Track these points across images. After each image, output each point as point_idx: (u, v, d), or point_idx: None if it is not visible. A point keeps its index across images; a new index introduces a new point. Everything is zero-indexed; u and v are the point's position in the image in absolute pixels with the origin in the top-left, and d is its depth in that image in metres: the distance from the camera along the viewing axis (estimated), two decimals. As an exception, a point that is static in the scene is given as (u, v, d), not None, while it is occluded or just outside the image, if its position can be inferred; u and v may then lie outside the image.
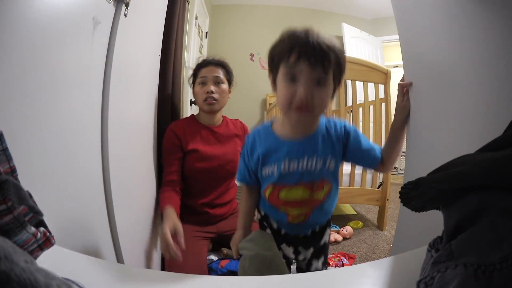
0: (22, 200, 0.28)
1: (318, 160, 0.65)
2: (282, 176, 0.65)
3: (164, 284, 0.41)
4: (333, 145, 0.67)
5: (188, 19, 2.28)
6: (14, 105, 0.44)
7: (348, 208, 2.35)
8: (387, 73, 1.88)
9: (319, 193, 0.68)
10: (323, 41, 0.56)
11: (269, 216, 0.76)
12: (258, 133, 0.71)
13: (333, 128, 0.68)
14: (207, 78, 1.14)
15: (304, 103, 0.56)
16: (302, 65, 0.56)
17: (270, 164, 0.67)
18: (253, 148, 0.70)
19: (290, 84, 0.58)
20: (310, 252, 0.76)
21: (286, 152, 0.65)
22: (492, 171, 0.28)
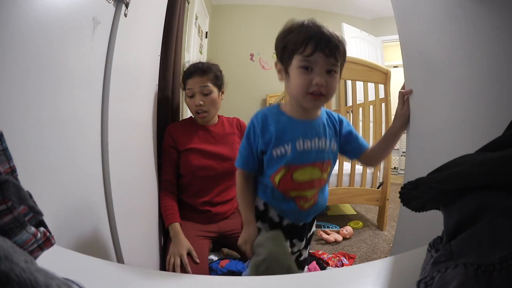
0: (22, 200, 0.28)
1: (326, 140, 0.70)
2: (297, 155, 0.67)
3: (164, 284, 0.41)
4: (335, 128, 0.74)
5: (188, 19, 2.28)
6: (14, 105, 0.44)
7: (348, 208, 2.35)
8: (387, 73, 1.87)
9: (325, 174, 0.72)
10: (334, 33, 0.63)
11: (272, 208, 0.73)
12: (270, 113, 0.72)
13: (332, 115, 0.76)
14: (194, 90, 1.13)
15: (320, 90, 0.63)
16: (318, 56, 0.61)
17: (284, 143, 0.68)
18: (265, 127, 0.70)
19: (305, 73, 0.63)
20: (303, 244, 0.77)
21: (301, 130, 0.68)
22: (492, 171, 0.28)
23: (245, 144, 0.73)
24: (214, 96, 1.15)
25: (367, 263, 0.43)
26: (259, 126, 0.70)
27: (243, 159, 0.73)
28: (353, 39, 3.67)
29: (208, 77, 1.14)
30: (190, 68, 1.16)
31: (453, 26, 0.58)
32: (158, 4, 1.13)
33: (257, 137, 0.70)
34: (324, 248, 1.64)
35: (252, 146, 0.71)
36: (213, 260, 1.08)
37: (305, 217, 0.75)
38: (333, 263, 1.39)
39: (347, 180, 1.91)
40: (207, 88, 1.13)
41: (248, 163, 0.73)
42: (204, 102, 1.13)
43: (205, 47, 3.26)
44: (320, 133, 0.70)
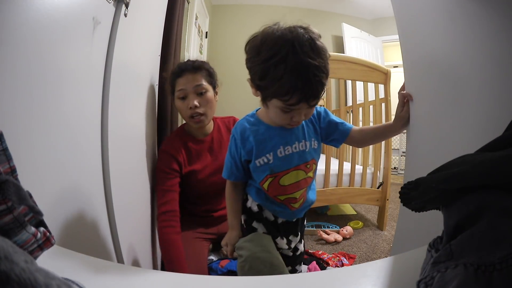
0: (22, 200, 0.28)
1: (307, 142, 0.71)
2: (279, 162, 0.69)
3: (164, 284, 0.41)
4: (314, 125, 0.75)
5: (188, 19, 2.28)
6: (14, 105, 0.44)
7: (348, 208, 2.35)
8: (387, 73, 1.88)
9: (310, 172, 0.74)
10: (321, 71, 0.56)
11: (265, 209, 0.76)
12: (248, 123, 0.72)
13: None
14: (187, 91, 0.98)
15: (302, 120, 0.65)
16: (302, 106, 0.60)
17: (266, 153, 0.69)
18: (244, 139, 0.71)
19: (285, 113, 0.62)
20: (298, 238, 0.80)
21: (280, 138, 0.69)
22: (492, 171, 0.28)
23: (229, 156, 0.75)
24: (210, 95, 1.01)
25: (367, 263, 0.43)
26: (239, 138, 0.71)
27: (228, 170, 0.76)
28: (353, 39, 3.67)
29: (201, 74, 1.00)
30: (180, 66, 1.01)
31: (453, 26, 0.58)
32: (158, 4, 1.13)
33: (239, 149, 0.72)
34: (324, 248, 1.64)
35: (235, 157, 0.73)
36: (213, 260, 1.08)
37: (297, 214, 0.78)
38: (333, 263, 1.39)
39: (347, 180, 1.91)
40: (201, 86, 0.98)
41: (233, 173, 0.75)
42: (200, 103, 0.98)
43: (205, 47, 3.26)
44: (299, 137, 0.71)
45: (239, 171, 0.74)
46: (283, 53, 0.55)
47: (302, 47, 0.55)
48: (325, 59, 0.59)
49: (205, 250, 1.04)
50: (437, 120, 0.64)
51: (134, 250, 0.88)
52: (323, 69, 0.57)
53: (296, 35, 0.56)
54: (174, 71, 1.02)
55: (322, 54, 0.58)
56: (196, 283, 0.41)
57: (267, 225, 0.76)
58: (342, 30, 3.66)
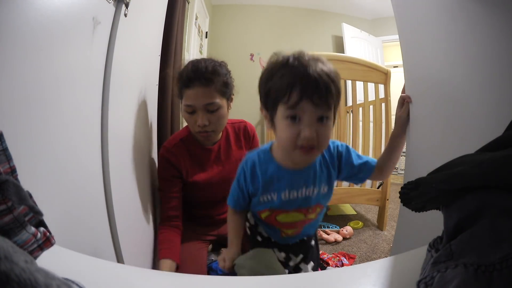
0: (22, 200, 0.28)
1: (315, 189, 0.68)
2: (281, 204, 0.68)
3: (164, 284, 0.41)
4: (328, 169, 0.69)
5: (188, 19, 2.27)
6: (14, 105, 0.44)
7: (348, 208, 2.35)
8: (387, 73, 1.88)
9: (312, 215, 0.72)
10: (323, 72, 0.53)
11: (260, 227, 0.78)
12: (259, 159, 0.69)
13: (328, 152, 0.69)
14: (196, 107, 0.84)
15: (310, 143, 0.54)
16: (305, 105, 0.53)
17: (270, 192, 0.68)
18: (254, 175, 0.69)
19: (292, 125, 0.55)
20: (299, 258, 0.78)
21: (288, 182, 0.66)
22: (492, 171, 0.28)
23: (236, 187, 0.74)
24: (222, 112, 0.87)
25: (367, 263, 0.43)
26: (249, 173, 0.70)
27: (235, 200, 0.75)
28: (353, 39, 3.67)
29: (214, 88, 0.84)
30: (189, 72, 0.84)
31: (453, 26, 0.58)
32: (158, 4, 1.13)
33: (248, 183, 0.71)
34: (324, 248, 1.64)
35: (243, 189, 0.72)
36: (213, 260, 1.08)
37: (291, 240, 0.77)
38: (333, 263, 1.39)
39: (347, 180, 1.91)
40: (213, 104, 0.84)
41: (239, 203, 0.75)
42: (210, 121, 0.85)
43: (205, 47, 3.26)
44: (308, 183, 0.66)
45: (245, 201, 0.75)
46: (284, 61, 0.55)
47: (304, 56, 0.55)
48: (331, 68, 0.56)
49: (204, 253, 1.04)
50: (437, 120, 0.64)
51: (134, 250, 0.88)
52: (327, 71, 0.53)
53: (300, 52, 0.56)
54: (183, 78, 0.86)
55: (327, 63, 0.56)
56: (196, 283, 0.41)
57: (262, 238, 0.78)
58: (342, 30, 3.65)
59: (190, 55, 2.40)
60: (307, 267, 0.79)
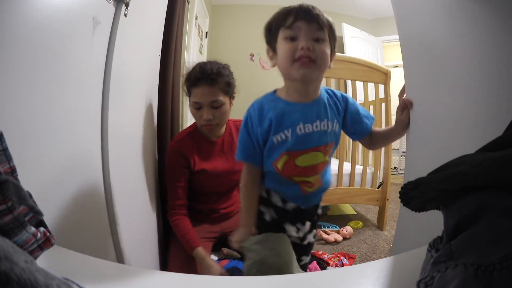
0: (22, 200, 0.28)
1: (329, 122, 0.67)
2: (298, 141, 0.65)
3: (164, 284, 0.41)
4: (337, 107, 0.70)
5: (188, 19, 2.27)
6: (14, 105, 0.44)
7: (348, 208, 2.35)
8: (387, 73, 1.88)
9: (327, 156, 0.70)
10: (317, 8, 0.63)
11: (274, 194, 0.72)
12: (266, 100, 0.68)
13: (333, 94, 0.72)
14: (202, 104, 0.97)
15: (307, 53, 0.59)
16: (300, 23, 0.61)
17: (284, 128, 0.65)
18: (262, 115, 0.67)
19: (290, 43, 0.61)
20: (307, 227, 0.75)
21: (300, 114, 0.65)
22: (492, 171, 0.28)
23: (245, 135, 0.69)
24: (225, 108, 1.00)
25: (367, 263, 0.43)
26: (256, 115, 0.67)
27: (245, 151, 0.69)
28: (353, 39, 3.66)
29: (219, 87, 0.97)
30: (196, 73, 0.97)
31: (453, 26, 0.58)
32: (158, 4, 1.13)
33: (256, 127, 0.67)
34: (324, 248, 1.64)
35: (251, 136, 0.68)
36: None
37: (309, 201, 0.74)
38: (333, 263, 1.39)
39: (347, 180, 1.91)
40: (217, 101, 0.97)
41: (250, 154, 0.69)
42: (214, 116, 0.98)
43: (205, 47, 3.26)
44: (321, 115, 0.66)
45: (256, 152, 0.68)
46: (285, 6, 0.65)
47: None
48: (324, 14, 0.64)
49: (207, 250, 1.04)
50: (437, 120, 0.64)
51: (134, 250, 0.88)
52: (320, 10, 0.63)
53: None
54: (190, 78, 0.99)
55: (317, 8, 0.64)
56: (196, 283, 0.41)
57: (275, 210, 0.72)
58: (342, 30, 3.65)
59: (190, 55, 2.40)
60: (311, 236, 0.77)
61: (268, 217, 0.73)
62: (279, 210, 0.72)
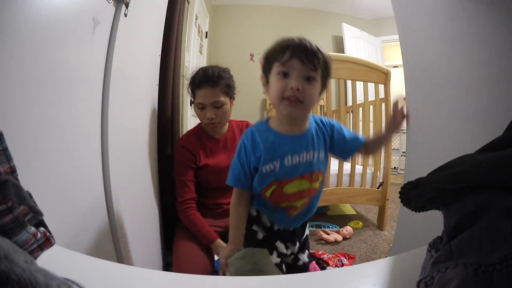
0: (22, 200, 0.28)
1: (314, 153, 0.70)
2: (285, 170, 0.69)
3: (164, 284, 0.41)
4: (324, 137, 0.73)
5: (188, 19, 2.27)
6: (14, 105, 0.44)
7: (348, 208, 2.35)
8: (387, 73, 1.88)
9: (316, 183, 0.73)
10: (313, 44, 0.65)
11: (263, 215, 0.77)
12: (257, 130, 0.72)
13: (321, 123, 0.75)
14: (205, 104, 1.06)
15: (296, 94, 0.62)
16: (294, 62, 0.62)
17: (273, 160, 0.69)
18: (255, 145, 0.70)
19: (282, 78, 0.64)
20: (296, 247, 0.79)
21: (289, 146, 0.68)
22: (492, 171, 0.28)
23: (237, 161, 0.73)
24: (226, 108, 1.10)
25: (367, 263, 0.43)
26: (250, 144, 0.71)
27: (235, 177, 0.73)
28: (353, 39, 3.67)
29: (220, 88, 1.06)
30: (199, 77, 1.07)
31: (453, 26, 0.58)
32: (158, 4, 1.13)
33: (249, 155, 0.71)
34: (324, 248, 1.64)
35: (244, 164, 0.72)
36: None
37: (294, 223, 0.77)
38: (333, 263, 1.39)
39: (347, 180, 1.91)
40: (219, 102, 1.06)
41: (241, 180, 0.73)
42: (217, 115, 1.07)
43: (205, 47, 3.26)
44: (308, 146, 0.70)
45: (247, 178, 0.73)
46: (284, 38, 0.67)
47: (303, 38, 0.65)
48: (322, 52, 0.66)
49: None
50: (437, 120, 0.64)
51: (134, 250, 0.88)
52: (317, 46, 0.65)
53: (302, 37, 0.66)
54: (194, 81, 1.07)
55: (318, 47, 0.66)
56: (196, 283, 0.41)
57: (265, 230, 0.77)
58: (342, 30, 3.65)
59: (190, 55, 2.40)
60: (304, 256, 0.81)
61: (260, 236, 0.77)
62: (268, 230, 0.77)
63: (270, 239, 0.76)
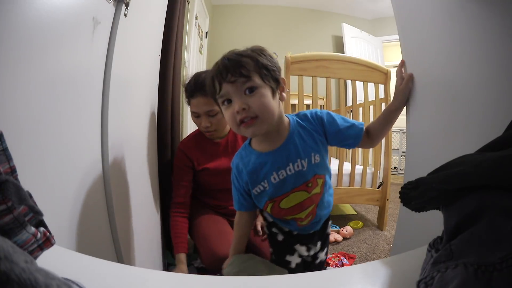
0: (22, 200, 0.28)
1: (303, 161, 0.65)
2: (275, 188, 0.67)
3: (164, 284, 0.41)
4: (313, 137, 0.67)
5: (188, 19, 2.27)
6: (14, 105, 0.44)
7: (348, 208, 2.35)
8: (387, 73, 1.88)
9: (316, 189, 0.69)
10: (233, 54, 0.60)
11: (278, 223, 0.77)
12: (240, 156, 0.71)
13: (306, 120, 0.68)
14: (199, 113, 1.06)
15: (244, 115, 0.58)
16: (226, 87, 0.59)
17: (261, 180, 0.67)
18: (240, 171, 0.71)
19: (228, 107, 0.60)
20: (318, 247, 0.78)
21: (271, 164, 0.65)
22: (492, 171, 0.28)
23: (234, 188, 0.75)
24: (221, 115, 1.04)
25: (367, 263, 0.43)
26: (236, 173, 0.72)
27: (237, 202, 0.75)
28: (353, 39, 3.67)
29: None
30: (191, 86, 1.05)
31: (453, 26, 0.58)
32: (158, 4, 1.13)
33: (240, 181, 0.72)
34: (324, 248, 1.64)
35: (239, 189, 0.73)
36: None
37: (310, 228, 0.75)
38: (333, 263, 1.39)
39: (347, 180, 1.91)
40: (212, 111, 1.05)
41: (243, 204, 0.74)
42: (211, 123, 1.06)
43: (205, 47, 3.26)
44: (292, 158, 0.65)
45: (247, 200, 0.73)
46: (211, 69, 0.64)
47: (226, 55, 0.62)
48: (251, 48, 0.62)
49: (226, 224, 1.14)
50: (437, 120, 0.64)
51: (134, 250, 0.88)
52: (238, 52, 0.61)
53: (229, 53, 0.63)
54: (188, 89, 1.06)
55: (252, 48, 0.62)
56: (196, 283, 0.41)
57: (283, 234, 0.77)
58: (342, 30, 3.65)
59: (190, 55, 2.40)
60: (322, 254, 0.81)
61: (280, 238, 0.78)
62: (286, 234, 0.77)
63: (289, 242, 0.76)
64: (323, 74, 1.78)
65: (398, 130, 3.88)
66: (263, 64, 0.60)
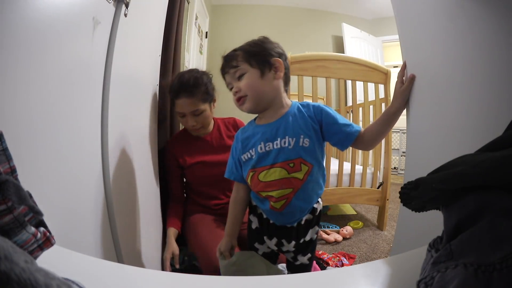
0: (22, 200, 0.28)
1: (290, 139, 0.70)
2: (260, 157, 0.72)
3: (164, 284, 0.41)
4: (306, 123, 0.71)
5: (188, 19, 2.27)
6: (14, 105, 0.44)
7: (348, 208, 2.35)
8: (387, 73, 1.88)
9: (298, 173, 0.70)
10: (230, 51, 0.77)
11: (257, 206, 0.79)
12: (243, 128, 0.81)
13: (307, 107, 0.75)
14: (185, 113, 1.08)
15: (238, 95, 0.72)
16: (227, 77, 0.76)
17: (250, 148, 0.74)
18: (238, 140, 0.79)
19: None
20: (292, 246, 0.76)
21: (261, 134, 0.72)
22: (492, 171, 0.28)
23: (231, 156, 0.82)
24: (206, 114, 1.11)
25: (367, 263, 0.43)
26: (235, 140, 0.81)
27: (229, 170, 0.81)
28: (353, 39, 3.67)
29: (197, 97, 1.06)
30: (175, 86, 1.07)
31: (453, 26, 0.58)
32: (158, 4, 1.13)
33: (238, 149, 0.78)
34: (324, 248, 1.64)
35: (235, 157, 0.80)
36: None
37: (284, 219, 0.74)
38: (333, 263, 1.39)
39: (347, 180, 1.91)
40: (198, 110, 1.08)
41: (233, 172, 0.80)
42: (197, 122, 1.10)
43: (205, 47, 3.26)
44: (280, 132, 0.70)
45: (238, 170, 0.79)
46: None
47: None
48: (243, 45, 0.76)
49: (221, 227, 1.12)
50: (437, 120, 0.64)
51: (134, 250, 0.88)
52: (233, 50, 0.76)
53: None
54: (172, 89, 1.09)
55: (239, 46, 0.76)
56: (196, 283, 0.41)
57: (260, 220, 0.79)
58: (342, 30, 3.66)
59: (190, 55, 2.40)
60: (304, 259, 0.78)
61: (253, 226, 0.81)
62: (263, 221, 0.79)
63: (261, 231, 0.79)
64: (323, 74, 1.78)
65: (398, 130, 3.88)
66: (250, 52, 0.73)
